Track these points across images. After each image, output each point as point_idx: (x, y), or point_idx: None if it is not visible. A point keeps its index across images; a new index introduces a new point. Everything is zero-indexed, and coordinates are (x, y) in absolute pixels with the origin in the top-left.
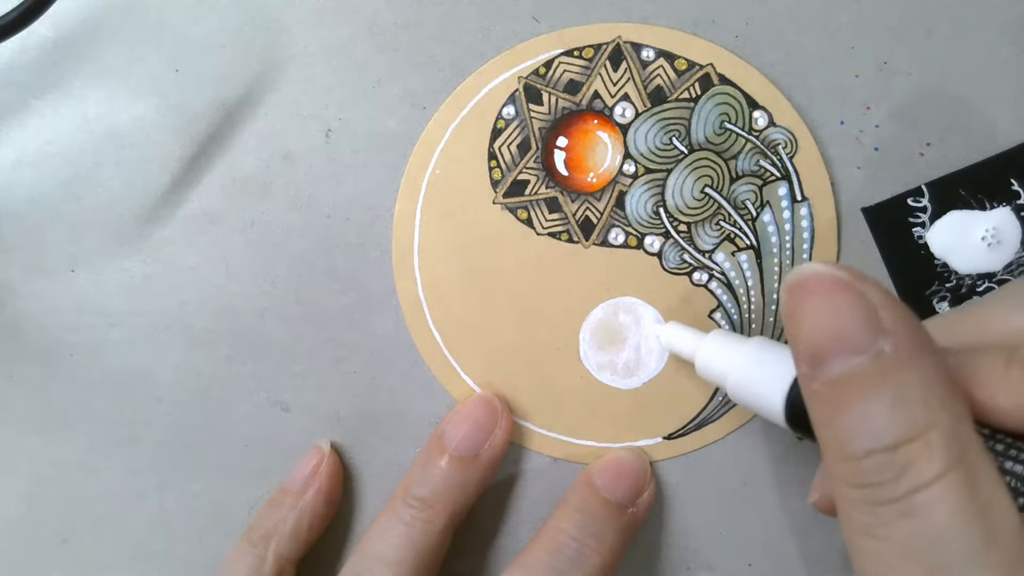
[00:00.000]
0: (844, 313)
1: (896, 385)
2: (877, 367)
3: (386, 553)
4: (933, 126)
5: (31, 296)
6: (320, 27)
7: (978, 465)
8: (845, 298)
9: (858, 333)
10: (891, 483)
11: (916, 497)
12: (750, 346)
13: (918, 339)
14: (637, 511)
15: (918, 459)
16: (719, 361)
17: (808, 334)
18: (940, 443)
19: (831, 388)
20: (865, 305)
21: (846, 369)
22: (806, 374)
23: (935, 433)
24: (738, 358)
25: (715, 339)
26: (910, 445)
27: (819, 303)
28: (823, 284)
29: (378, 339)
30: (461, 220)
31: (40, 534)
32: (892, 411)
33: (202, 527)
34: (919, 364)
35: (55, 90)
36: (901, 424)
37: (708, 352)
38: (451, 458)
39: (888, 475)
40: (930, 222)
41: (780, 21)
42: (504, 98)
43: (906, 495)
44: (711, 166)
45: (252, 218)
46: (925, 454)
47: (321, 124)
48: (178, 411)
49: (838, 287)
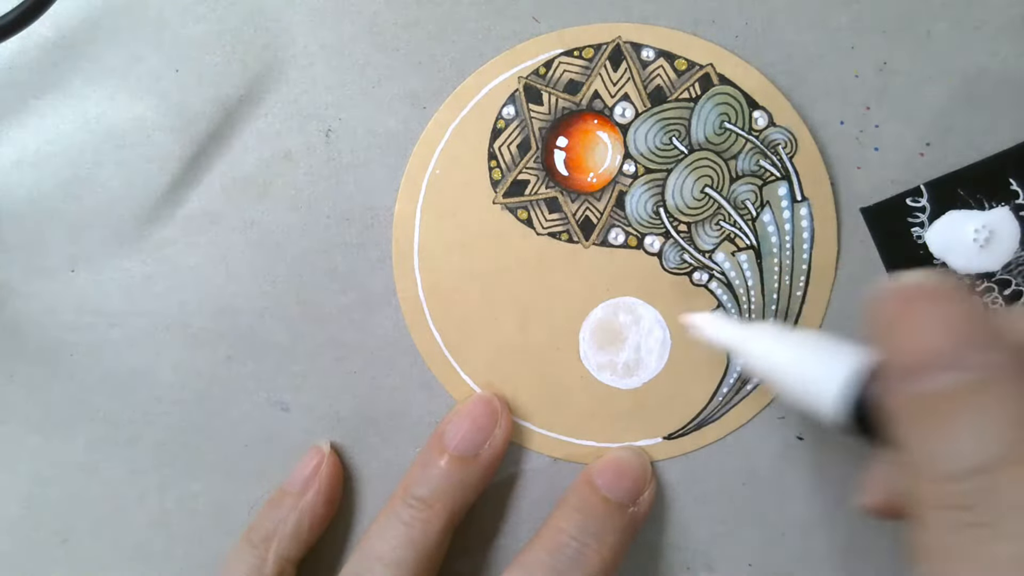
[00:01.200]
0: (954, 325)
1: (999, 402)
2: (984, 382)
3: (385, 553)
4: (933, 126)
5: (31, 296)
6: (320, 27)
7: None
8: (955, 310)
9: (966, 347)
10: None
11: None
12: (800, 336)
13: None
14: (637, 511)
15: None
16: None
17: (911, 345)
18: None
19: (925, 403)
20: (975, 318)
21: (949, 383)
22: (899, 387)
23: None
24: (791, 352)
25: (764, 331)
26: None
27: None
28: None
29: (378, 339)
30: (461, 220)
31: (40, 534)
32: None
33: (202, 527)
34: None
35: (55, 90)
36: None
37: (756, 344)
38: (451, 458)
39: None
40: (929, 222)
41: (780, 21)
42: (504, 98)
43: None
44: (711, 166)
45: (252, 218)
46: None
47: (321, 124)
48: (178, 411)
49: (946, 298)
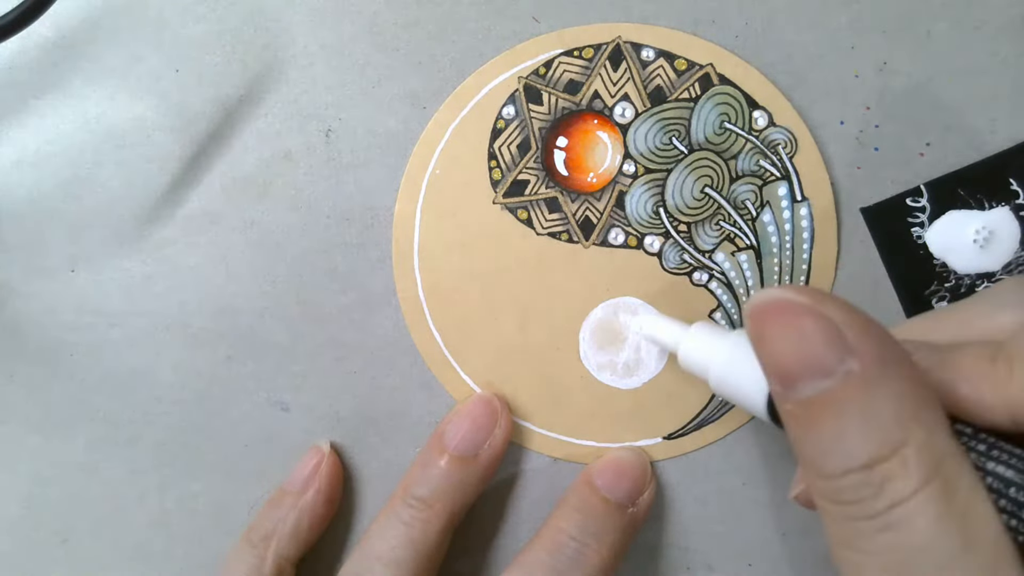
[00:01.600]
0: (808, 337)
1: (866, 404)
2: (846, 388)
3: (385, 553)
4: (933, 126)
5: (31, 296)
6: (320, 27)
7: (955, 473)
8: (808, 322)
9: (824, 356)
10: (868, 500)
11: (894, 512)
12: (733, 339)
13: (886, 354)
14: (637, 511)
15: (894, 476)
16: (702, 353)
17: (775, 359)
18: (915, 458)
19: (804, 408)
20: (829, 327)
21: (815, 391)
22: (778, 393)
23: (909, 449)
24: (721, 351)
25: (698, 331)
26: (885, 463)
27: (782, 328)
28: (785, 309)
29: (378, 339)
30: (461, 220)
31: (40, 534)
32: (865, 430)
33: (202, 527)
34: (889, 380)
35: (55, 90)
36: (874, 443)
37: (691, 344)
38: (451, 458)
39: (866, 493)
40: (929, 222)
41: (780, 21)
42: (504, 98)
43: (885, 511)
44: (711, 166)
45: (252, 218)
46: (901, 470)
47: (321, 124)
48: (178, 411)
49: (800, 311)
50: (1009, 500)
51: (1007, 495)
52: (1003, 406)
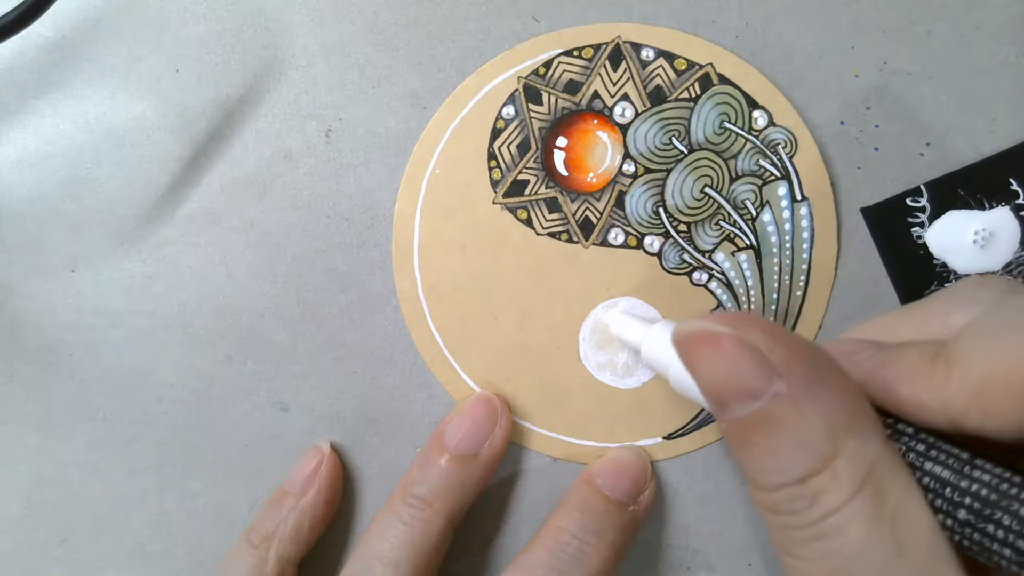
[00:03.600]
0: (734, 363)
1: (795, 422)
2: (775, 409)
3: (385, 552)
4: (933, 126)
5: (31, 296)
6: (320, 27)
7: (886, 480)
8: (731, 349)
9: (750, 381)
10: (803, 512)
11: (827, 522)
12: None
13: (813, 372)
14: (637, 510)
15: (826, 488)
16: (662, 352)
17: (706, 385)
18: (846, 469)
19: (737, 428)
20: (752, 352)
21: (746, 413)
22: (715, 413)
23: (840, 460)
24: None
25: (660, 330)
26: (817, 477)
27: (708, 357)
28: (708, 339)
29: (378, 339)
30: (461, 220)
31: (40, 534)
32: (795, 448)
33: (202, 527)
34: (817, 397)
35: (55, 90)
36: (807, 459)
37: (652, 343)
38: (451, 457)
39: (800, 505)
40: (929, 222)
41: (780, 21)
42: (504, 98)
43: (818, 521)
44: (711, 166)
45: (252, 218)
46: (832, 483)
47: (321, 124)
48: (178, 411)
49: (721, 340)
50: (945, 500)
51: (943, 495)
52: (940, 408)
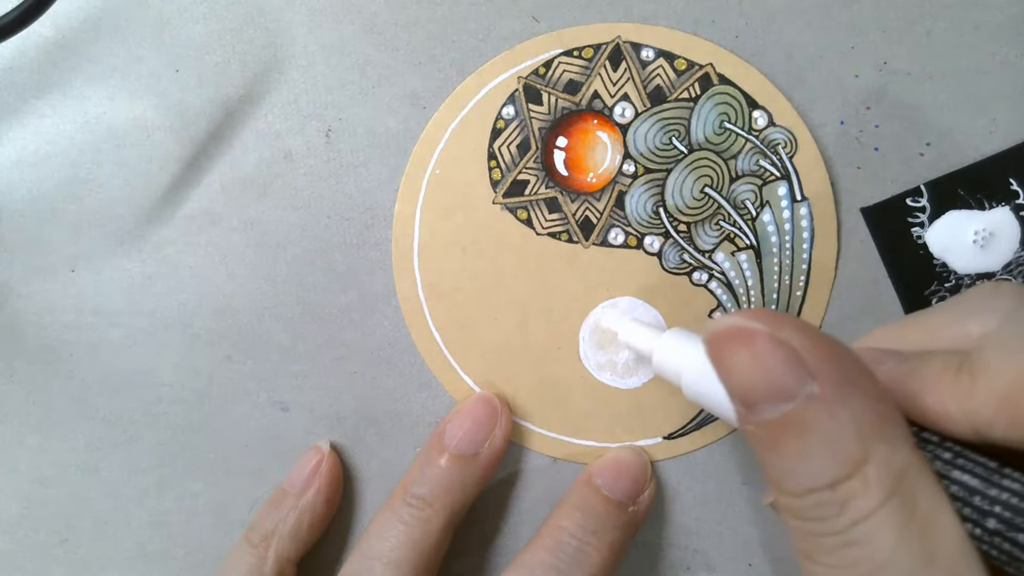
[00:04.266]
0: (768, 362)
1: (827, 425)
2: (808, 410)
3: (385, 552)
4: (933, 126)
5: (31, 296)
6: (320, 27)
7: (916, 487)
8: (766, 347)
9: (784, 380)
10: (832, 518)
11: (856, 529)
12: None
13: (847, 375)
14: (637, 510)
15: (856, 494)
16: (674, 361)
17: (737, 385)
18: (876, 475)
19: (767, 430)
20: (787, 351)
21: (779, 413)
22: (742, 415)
23: (870, 466)
24: (692, 357)
25: (671, 336)
26: (847, 482)
27: (741, 355)
28: (742, 336)
29: (378, 339)
30: (461, 220)
31: (40, 534)
32: (826, 451)
33: (202, 527)
34: (849, 400)
35: (55, 90)
36: (836, 463)
37: (663, 352)
38: (450, 457)
39: (829, 511)
40: (929, 222)
41: (780, 21)
42: (504, 98)
43: (847, 528)
44: (711, 166)
45: (252, 218)
46: (862, 488)
47: (321, 124)
48: (178, 411)
49: (757, 337)
50: (973, 508)
51: (971, 503)
52: (966, 419)
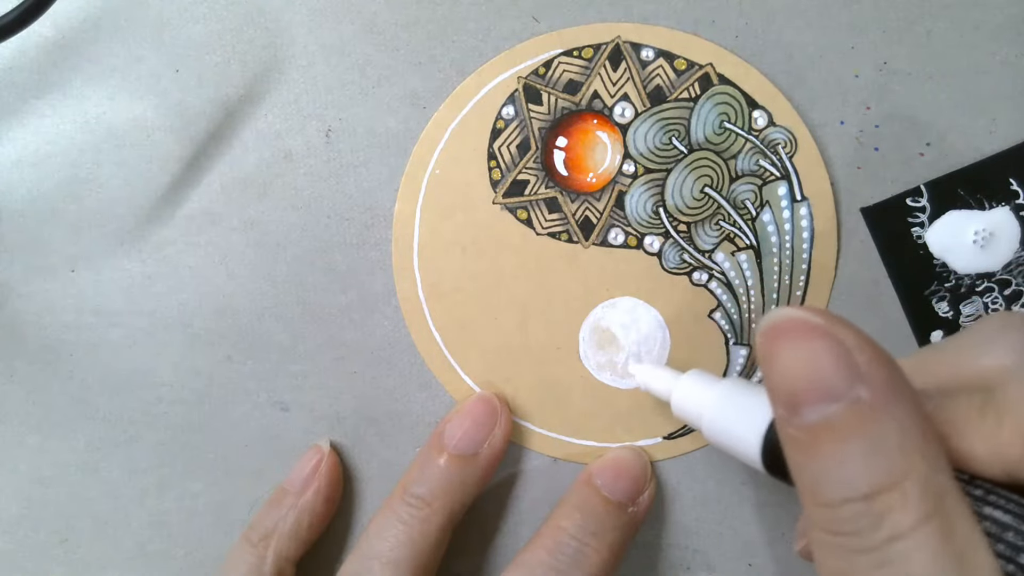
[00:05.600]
0: (820, 359)
1: (872, 433)
2: (854, 414)
3: (384, 552)
4: (933, 126)
5: (31, 296)
6: (320, 27)
7: (955, 513)
8: (821, 343)
9: (834, 379)
10: (867, 532)
11: (892, 547)
12: (724, 386)
13: (895, 384)
14: (637, 510)
15: (894, 509)
16: (693, 402)
17: (784, 380)
18: (916, 492)
19: (808, 434)
20: (841, 350)
21: (823, 416)
22: (783, 418)
23: (911, 482)
24: (712, 399)
25: (690, 379)
26: (886, 495)
27: (795, 348)
28: (799, 329)
29: (378, 339)
30: (461, 220)
31: (40, 534)
32: (868, 459)
33: (202, 527)
34: (896, 410)
35: (55, 90)
36: (877, 473)
37: (682, 393)
38: (450, 457)
39: (864, 524)
40: (929, 222)
41: (780, 21)
42: (503, 98)
43: (882, 545)
44: (711, 166)
45: (252, 218)
46: (901, 503)
47: (321, 124)
48: (178, 411)
49: (814, 332)
50: (1007, 545)
51: (1004, 539)
52: (995, 459)
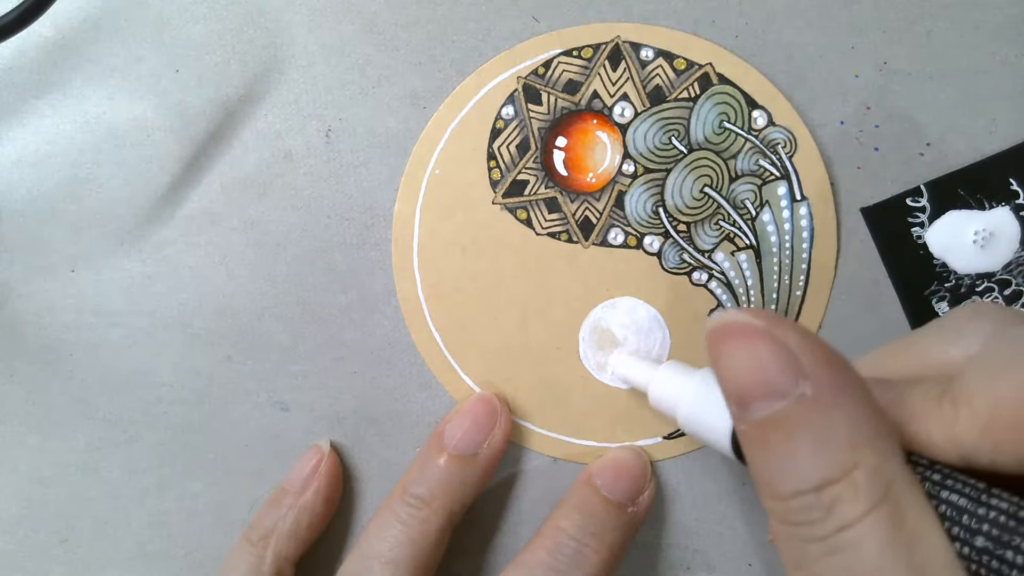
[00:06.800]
0: (763, 359)
1: (818, 427)
2: (800, 409)
3: (384, 551)
4: (933, 126)
5: (31, 296)
6: (320, 27)
7: (905, 500)
8: (763, 345)
9: (778, 378)
10: (818, 523)
11: (843, 535)
12: (698, 377)
13: (841, 379)
14: (637, 510)
15: (843, 499)
16: (669, 394)
17: (731, 380)
18: (865, 482)
19: (758, 429)
20: (782, 350)
21: (770, 412)
22: (735, 415)
23: (859, 472)
24: (687, 389)
25: (666, 371)
26: (835, 486)
27: (739, 349)
28: (742, 332)
29: (378, 339)
30: (461, 220)
31: (40, 534)
32: (816, 452)
33: (202, 527)
34: (842, 404)
35: (55, 90)
36: (824, 466)
37: (659, 385)
38: (450, 457)
39: (815, 515)
40: (929, 222)
41: (780, 21)
42: (503, 98)
43: (833, 534)
44: (710, 166)
45: (252, 218)
46: (850, 494)
47: (321, 124)
48: (178, 411)
49: (756, 334)
50: (962, 527)
51: (960, 522)
52: (952, 446)
